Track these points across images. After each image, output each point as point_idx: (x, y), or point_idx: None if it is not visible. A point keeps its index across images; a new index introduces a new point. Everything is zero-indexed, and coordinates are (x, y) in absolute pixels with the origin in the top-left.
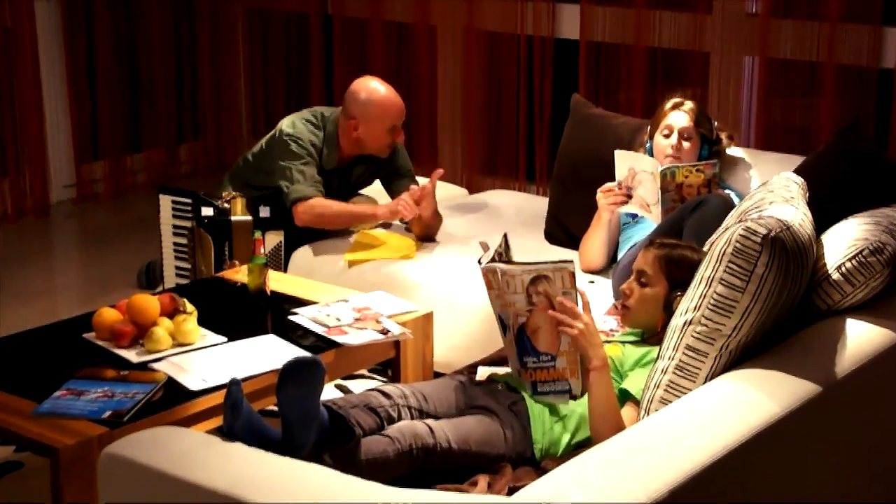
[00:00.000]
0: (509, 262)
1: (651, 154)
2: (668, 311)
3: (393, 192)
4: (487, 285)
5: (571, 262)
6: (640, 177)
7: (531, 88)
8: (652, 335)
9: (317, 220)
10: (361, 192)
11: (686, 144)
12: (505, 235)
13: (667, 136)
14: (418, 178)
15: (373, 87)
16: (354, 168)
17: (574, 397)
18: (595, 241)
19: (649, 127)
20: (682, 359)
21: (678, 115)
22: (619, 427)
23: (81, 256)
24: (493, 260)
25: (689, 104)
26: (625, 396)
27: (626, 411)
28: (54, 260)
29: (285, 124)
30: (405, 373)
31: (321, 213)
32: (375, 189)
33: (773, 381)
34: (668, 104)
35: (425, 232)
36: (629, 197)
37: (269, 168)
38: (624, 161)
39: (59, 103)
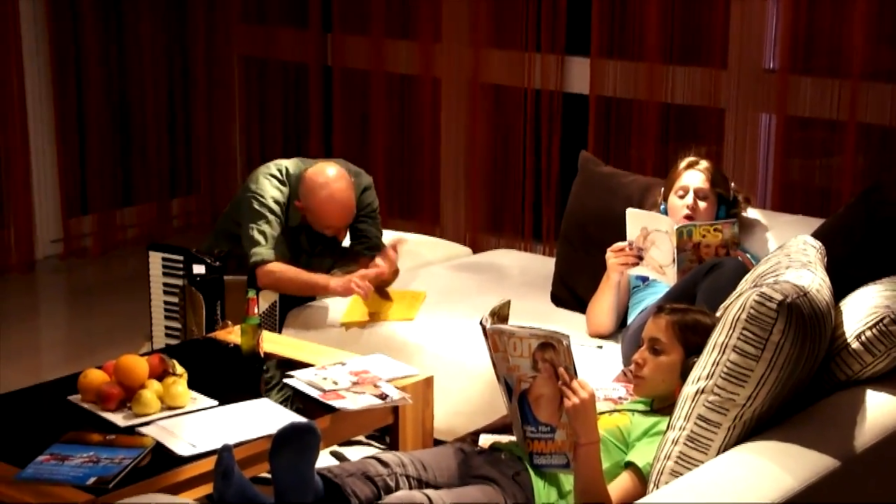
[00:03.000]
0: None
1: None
2: (685, 378)
3: (354, 231)
4: (493, 347)
5: (568, 336)
6: (653, 237)
7: (538, 144)
8: (665, 405)
9: (275, 285)
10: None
11: (702, 204)
12: (509, 302)
13: (682, 197)
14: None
15: (321, 183)
16: None
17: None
18: (603, 305)
19: (663, 189)
20: (694, 429)
21: (693, 175)
22: None
23: (67, 314)
24: (492, 321)
25: (704, 163)
26: (628, 467)
27: (623, 478)
28: (39, 318)
29: (251, 180)
30: (404, 440)
31: (278, 278)
32: None
33: (789, 455)
34: (683, 164)
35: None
36: (640, 258)
37: (239, 222)
38: (636, 221)
39: (47, 154)
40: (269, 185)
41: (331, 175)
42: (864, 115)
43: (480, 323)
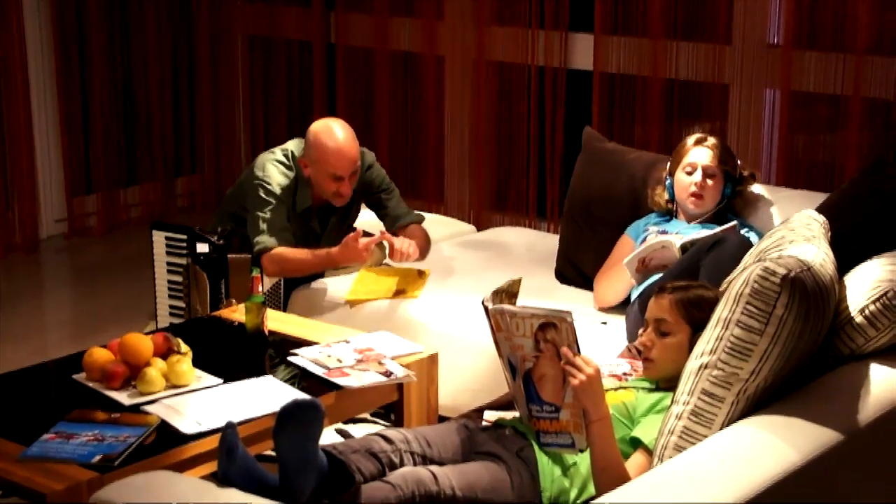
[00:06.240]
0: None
1: (671, 192)
2: None
3: (379, 212)
4: (496, 327)
5: (570, 313)
6: (652, 256)
7: (542, 121)
8: (671, 384)
9: (282, 271)
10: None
11: (709, 182)
12: (519, 280)
13: (689, 174)
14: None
15: (323, 130)
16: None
17: (581, 450)
18: (612, 279)
19: (669, 164)
20: (698, 404)
21: (701, 152)
22: (623, 480)
23: (72, 293)
24: (498, 300)
25: (712, 140)
26: (636, 444)
27: (637, 458)
28: (44, 297)
29: (257, 166)
30: (408, 417)
31: (284, 263)
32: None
33: (792, 429)
34: (691, 140)
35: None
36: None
37: (245, 206)
38: (632, 263)
39: (51, 133)
40: (275, 172)
41: (334, 123)
42: (869, 90)
43: (482, 303)
